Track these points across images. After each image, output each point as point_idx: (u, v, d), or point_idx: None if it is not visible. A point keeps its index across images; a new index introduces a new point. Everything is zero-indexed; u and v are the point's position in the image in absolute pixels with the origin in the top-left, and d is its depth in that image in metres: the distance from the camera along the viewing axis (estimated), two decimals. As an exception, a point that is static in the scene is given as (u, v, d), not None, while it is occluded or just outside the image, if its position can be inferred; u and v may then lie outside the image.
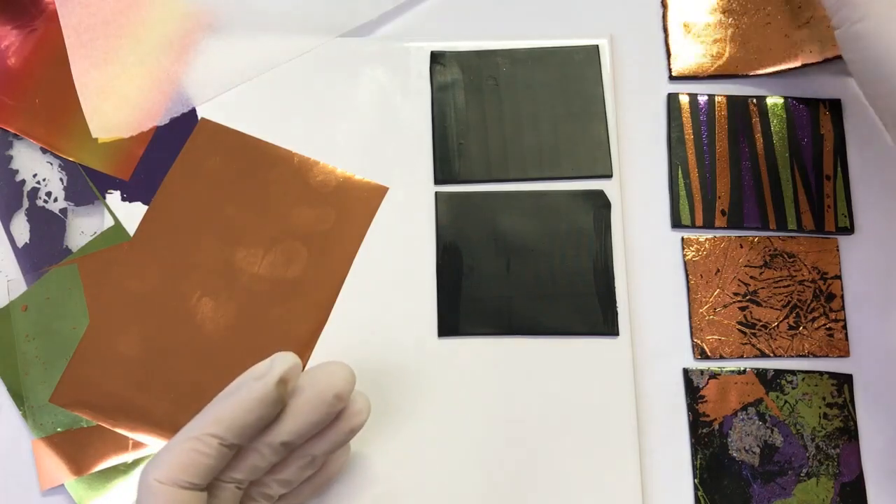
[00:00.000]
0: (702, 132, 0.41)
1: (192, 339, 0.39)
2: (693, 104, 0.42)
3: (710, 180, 0.41)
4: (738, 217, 0.40)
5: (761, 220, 0.40)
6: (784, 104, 0.42)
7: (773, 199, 0.40)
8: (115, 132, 0.42)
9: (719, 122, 0.41)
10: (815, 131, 0.41)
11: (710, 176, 0.41)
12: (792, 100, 0.42)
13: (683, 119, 0.41)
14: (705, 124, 0.41)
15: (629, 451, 0.37)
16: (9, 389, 0.39)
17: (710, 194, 0.41)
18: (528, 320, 0.39)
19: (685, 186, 0.41)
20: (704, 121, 0.41)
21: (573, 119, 0.42)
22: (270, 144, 0.42)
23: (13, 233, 0.41)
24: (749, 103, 0.42)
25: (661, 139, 0.42)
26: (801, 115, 0.41)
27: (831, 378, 0.39)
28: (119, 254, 0.40)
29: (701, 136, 0.41)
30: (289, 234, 0.40)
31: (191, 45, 0.43)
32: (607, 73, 0.42)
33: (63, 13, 0.43)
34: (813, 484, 0.37)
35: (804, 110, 0.41)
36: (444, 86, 0.42)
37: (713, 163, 0.41)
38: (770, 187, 0.40)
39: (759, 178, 0.41)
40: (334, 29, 0.43)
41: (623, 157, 0.42)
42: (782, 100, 0.42)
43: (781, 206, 0.40)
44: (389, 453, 0.38)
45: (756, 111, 0.41)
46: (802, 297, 0.40)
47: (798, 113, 0.41)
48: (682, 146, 0.41)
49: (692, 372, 0.39)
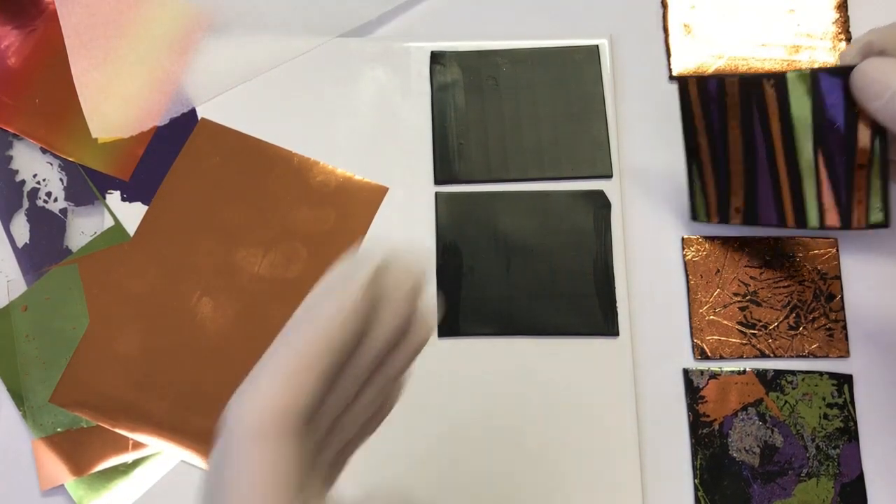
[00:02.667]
0: (713, 119, 0.36)
1: (192, 339, 0.39)
2: (702, 87, 0.36)
3: (724, 174, 0.37)
4: (752, 214, 0.37)
5: (778, 216, 0.36)
6: (810, 76, 0.33)
7: (792, 193, 0.35)
8: (114, 132, 0.42)
9: (731, 107, 0.36)
10: (848, 107, 0.33)
11: (724, 169, 0.37)
12: (821, 72, 0.33)
13: (693, 106, 0.37)
14: (716, 110, 0.36)
15: (629, 451, 0.37)
16: (9, 389, 0.38)
17: (723, 188, 0.38)
18: (528, 320, 0.39)
19: (700, 180, 0.38)
20: (715, 107, 0.36)
21: (573, 119, 0.42)
22: (270, 144, 0.42)
23: (13, 233, 0.41)
24: (763, 84, 0.35)
25: (661, 138, 0.42)
26: (830, 89, 0.33)
27: (831, 378, 0.39)
28: (119, 254, 0.40)
29: (712, 124, 0.37)
30: (289, 235, 0.40)
31: (191, 45, 0.43)
32: (607, 73, 0.42)
33: (63, 13, 0.43)
34: (813, 484, 0.37)
35: (836, 83, 0.33)
36: (444, 86, 0.42)
37: (726, 154, 0.37)
38: (789, 181, 0.35)
39: (776, 170, 0.35)
40: (334, 29, 0.43)
41: (623, 157, 0.42)
42: (808, 72, 0.33)
43: (801, 201, 0.35)
44: (388, 452, 0.38)
45: (773, 92, 0.34)
46: (802, 297, 0.40)
47: (827, 86, 0.33)
48: (694, 136, 0.38)
49: (692, 372, 0.39)
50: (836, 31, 0.43)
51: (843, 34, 0.43)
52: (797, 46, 0.43)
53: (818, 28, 0.43)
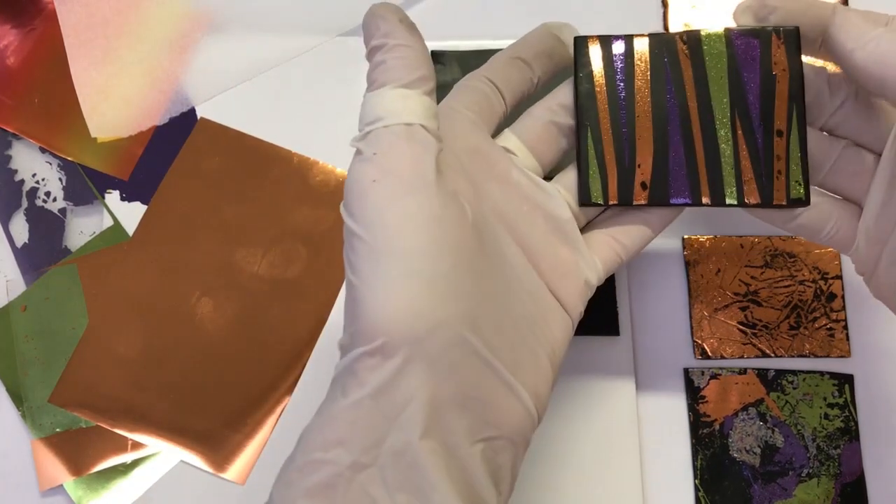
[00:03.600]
0: (617, 84, 0.32)
1: (192, 339, 0.39)
2: (605, 47, 0.32)
3: (629, 145, 0.32)
4: (662, 190, 0.31)
5: (692, 192, 0.31)
6: (724, 36, 0.31)
7: (707, 165, 0.31)
8: (114, 132, 0.42)
9: (639, 69, 0.32)
10: (764, 70, 0.31)
11: (628, 140, 0.32)
12: (736, 32, 0.31)
13: (594, 68, 0.32)
14: (622, 72, 0.32)
15: (629, 451, 0.37)
16: (8, 389, 0.38)
17: (627, 163, 0.32)
18: (528, 320, 0.39)
19: (596, 154, 0.32)
20: (621, 68, 0.32)
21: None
22: (270, 144, 0.41)
23: (12, 233, 0.41)
24: (677, 41, 0.32)
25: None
26: (746, 50, 0.31)
27: (832, 378, 0.39)
28: (118, 254, 0.40)
29: (616, 89, 0.32)
30: (288, 234, 0.40)
31: (190, 45, 0.43)
32: (607, 72, 0.42)
33: (62, 13, 0.43)
34: (814, 484, 0.37)
35: (752, 44, 0.31)
36: (443, 86, 0.42)
37: (631, 122, 0.32)
38: (704, 150, 0.31)
39: (691, 139, 0.31)
40: (334, 29, 0.43)
41: (623, 157, 0.42)
42: (721, 31, 0.31)
43: (718, 173, 0.31)
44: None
45: (686, 51, 0.32)
46: (803, 297, 0.40)
47: (742, 47, 0.31)
48: (592, 102, 0.32)
49: (693, 372, 0.39)
50: (836, 30, 0.43)
51: (844, 34, 0.43)
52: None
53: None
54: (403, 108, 0.27)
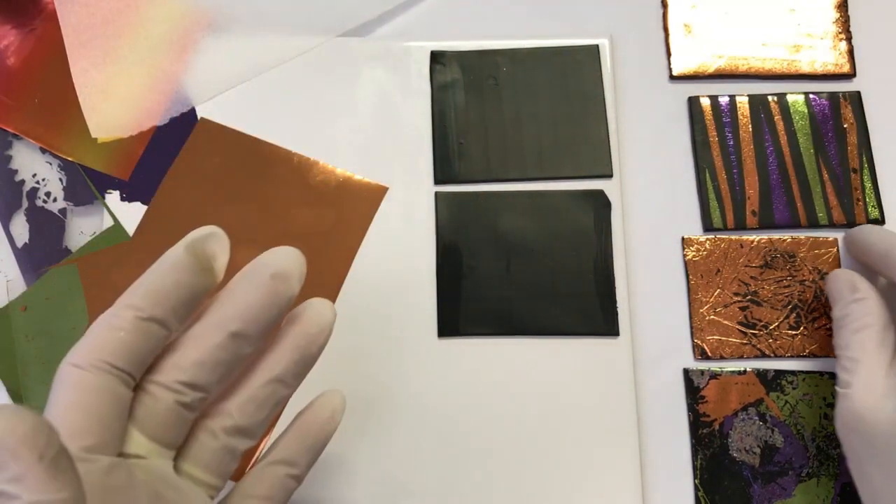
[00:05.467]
0: (726, 134, 0.42)
1: (192, 340, 0.39)
2: (715, 106, 0.42)
3: (739, 182, 0.41)
4: (768, 216, 0.40)
5: (792, 217, 0.40)
6: (805, 100, 0.42)
7: (801, 195, 0.40)
8: (114, 132, 0.42)
9: (742, 122, 0.42)
10: (837, 125, 0.41)
11: (738, 177, 0.41)
12: (812, 95, 0.42)
13: (707, 122, 0.42)
14: (729, 126, 0.42)
15: (629, 451, 0.37)
16: (8, 389, 0.38)
17: (739, 196, 0.41)
18: (528, 320, 0.39)
19: (714, 189, 0.41)
20: (728, 122, 0.42)
21: (573, 119, 0.41)
22: (270, 144, 0.41)
23: (13, 233, 0.41)
24: (770, 102, 0.42)
25: (661, 138, 0.42)
26: (821, 110, 0.42)
27: (832, 378, 0.39)
28: (119, 253, 0.40)
29: (726, 138, 0.41)
30: (289, 234, 0.40)
31: (191, 45, 0.43)
32: (608, 72, 0.42)
33: (62, 13, 0.43)
34: (813, 484, 0.37)
35: (825, 105, 0.42)
36: (444, 86, 0.42)
37: (740, 164, 0.41)
38: (798, 184, 0.41)
39: (787, 175, 0.41)
40: (334, 29, 0.43)
41: (623, 157, 0.42)
42: (802, 96, 0.42)
43: (811, 202, 0.40)
44: (389, 453, 0.37)
45: (777, 108, 0.42)
46: (803, 297, 0.40)
47: (819, 108, 0.42)
48: (707, 150, 0.41)
49: (692, 372, 0.39)
50: (836, 30, 0.43)
51: (844, 34, 0.43)
52: (798, 46, 0.43)
53: (818, 28, 0.43)
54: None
